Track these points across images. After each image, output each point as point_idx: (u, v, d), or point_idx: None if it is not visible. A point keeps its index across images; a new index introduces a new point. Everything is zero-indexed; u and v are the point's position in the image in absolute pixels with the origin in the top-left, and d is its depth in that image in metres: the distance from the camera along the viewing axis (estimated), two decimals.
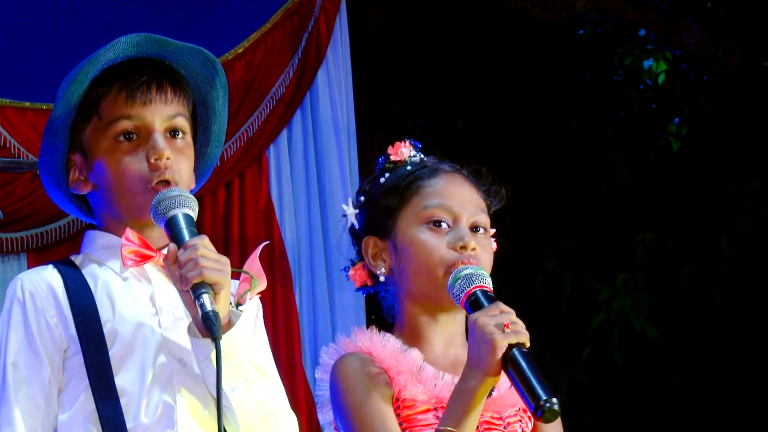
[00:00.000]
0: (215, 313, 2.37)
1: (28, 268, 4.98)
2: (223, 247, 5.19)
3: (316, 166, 5.60)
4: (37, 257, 5.03)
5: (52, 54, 5.20)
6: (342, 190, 5.56)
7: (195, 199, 2.51)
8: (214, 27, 5.45)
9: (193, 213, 2.49)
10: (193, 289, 2.39)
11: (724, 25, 6.82)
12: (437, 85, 7.64)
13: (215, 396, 2.41)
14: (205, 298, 2.38)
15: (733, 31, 6.79)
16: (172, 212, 2.46)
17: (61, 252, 5.02)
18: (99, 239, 2.62)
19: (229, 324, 2.45)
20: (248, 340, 2.52)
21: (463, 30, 7.39)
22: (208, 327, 2.36)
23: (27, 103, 5.15)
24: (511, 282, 6.55)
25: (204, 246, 2.42)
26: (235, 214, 5.41)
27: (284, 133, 5.59)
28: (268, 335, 2.68)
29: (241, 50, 5.44)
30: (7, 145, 5.06)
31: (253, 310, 2.61)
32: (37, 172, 5.02)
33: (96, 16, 5.28)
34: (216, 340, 2.35)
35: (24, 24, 5.20)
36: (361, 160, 5.71)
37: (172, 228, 2.46)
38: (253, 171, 5.48)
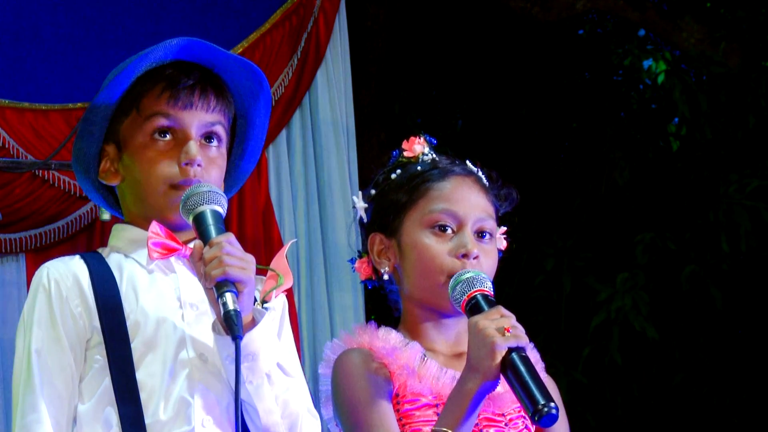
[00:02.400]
0: (237, 312, 2.37)
1: (27, 269, 4.98)
2: None
3: (315, 167, 5.60)
4: (35, 258, 5.02)
5: (52, 54, 5.20)
6: (341, 190, 5.56)
7: (225, 196, 2.52)
8: (214, 27, 5.45)
9: (222, 209, 2.49)
10: (216, 287, 2.40)
11: (724, 25, 6.82)
12: (437, 85, 7.64)
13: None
14: (228, 297, 2.38)
15: (733, 31, 6.78)
16: (200, 208, 2.47)
17: (61, 252, 4.98)
18: (126, 232, 2.63)
19: (253, 322, 2.46)
20: (272, 338, 2.52)
21: (462, 30, 7.39)
22: (229, 325, 2.36)
23: (26, 104, 5.15)
24: (510, 282, 6.55)
25: (229, 243, 2.42)
26: (234, 214, 5.41)
27: (283, 134, 5.59)
28: None
29: (240, 50, 5.44)
30: (6, 146, 5.06)
31: (279, 308, 2.64)
32: (37, 172, 5.04)
33: (96, 17, 5.28)
34: (236, 339, 2.35)
35: (24, 24, 5.20)
36: (361, 160, 5.72)
37: (199, 224, 2.46)
38: (252, 171, 5.47)
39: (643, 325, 6.25)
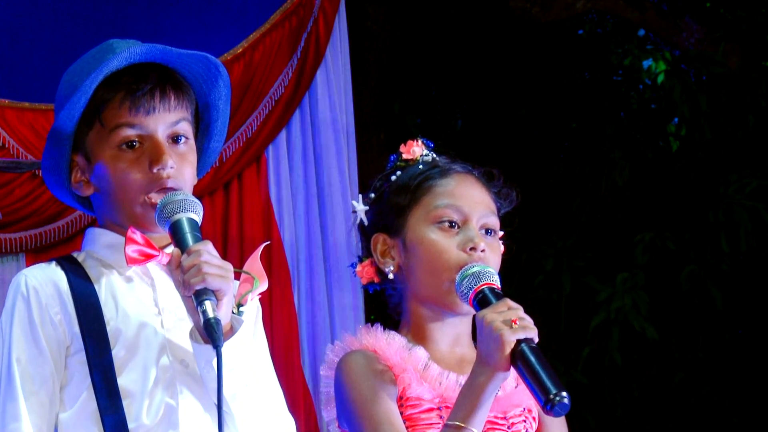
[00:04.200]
0: (217, 321, 2.37)
1: None
2: (221, 249, 5.19)
3: (315, 167, 5.60)
4: (35, 258, 5.01)
5: (52, 54, 5.20)
6: (341, 190, 5.56)
7: (200, 203, 2.51)
8: (213, 27, 5.45)
9: (198, 217, 2.49)
10: (195, 295, 2.39)
11: (724, 25, 6.82)
12: (436, 85, 7.64)
13: (216, 400, 2.40)
14: (207, 305, 2.38)
15: (733, 31, 6.79)
16: (177, 216, 2.46)
17: (60, 253, 5.01)
18: (102, 237, 2.62)
19: (231, 330, 2.45)
20: (249, 346, 2.53)
21: (462, 30, 7.39)
22: (210, 335, 2.36)
23: (26, 104, 5.15)
24: (510, 282, 6.54)
25: (207, 252, 2.42)
26: (234, 214, 5.41)
27: (283, 134, 5.59)
28: (266, 336, 2.69)
29: (240, 50, 5.44)
30: (6, 146, 5.06)
31: (252, 312, 2.62)
32: (37, 172, 5.04)
33: (96, 16, 5.28)
34: (217, 348, 2.35)
35: (24, 24, 5.20)
36: (360, 160, 5.72)
37: (176, 232, 2.46)
38: (252, 172, 5.48)
39: (643, 325, 6.25)
